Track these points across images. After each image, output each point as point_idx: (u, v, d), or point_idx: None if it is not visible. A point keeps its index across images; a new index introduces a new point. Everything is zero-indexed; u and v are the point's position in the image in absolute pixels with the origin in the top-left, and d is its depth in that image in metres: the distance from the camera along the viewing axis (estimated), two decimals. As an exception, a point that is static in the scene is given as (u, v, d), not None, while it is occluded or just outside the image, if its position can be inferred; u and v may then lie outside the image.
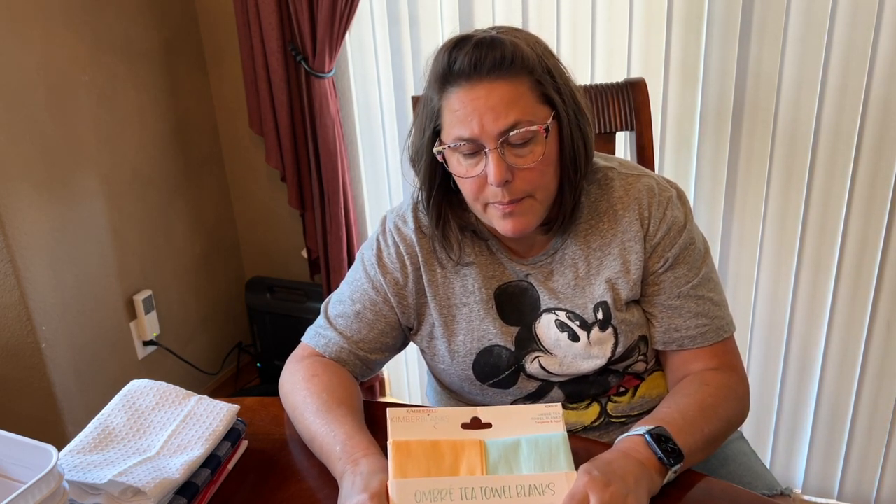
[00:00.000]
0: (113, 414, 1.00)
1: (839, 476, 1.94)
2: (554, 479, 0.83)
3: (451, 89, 0.97)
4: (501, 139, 0.95)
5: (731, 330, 1.09)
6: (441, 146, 1.00)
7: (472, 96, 0.95)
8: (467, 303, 1.09)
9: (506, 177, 0.96)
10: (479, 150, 0.97)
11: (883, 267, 1.72)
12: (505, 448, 0.87)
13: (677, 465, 0.90)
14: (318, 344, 1.11)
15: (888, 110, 1.60)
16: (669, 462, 0.90)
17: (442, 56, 0.98)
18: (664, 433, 0.92)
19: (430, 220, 1.08)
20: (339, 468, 0.91)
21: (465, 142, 0.96)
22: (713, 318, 1.06)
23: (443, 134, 1.00)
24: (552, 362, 1.08)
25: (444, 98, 0.98)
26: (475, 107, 0.95)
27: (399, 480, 0.83)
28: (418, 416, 0.90)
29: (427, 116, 1.02)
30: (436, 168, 1.04)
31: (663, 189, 1.08)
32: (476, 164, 0.98)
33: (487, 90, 0.95)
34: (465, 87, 0.96)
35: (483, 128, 0.95)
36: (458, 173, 1.00)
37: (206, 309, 2.42)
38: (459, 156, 0.99)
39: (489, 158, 0.96)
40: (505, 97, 0.95)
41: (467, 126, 0.96)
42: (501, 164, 0.95)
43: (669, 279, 1.06)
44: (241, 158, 2.39)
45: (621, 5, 1.73)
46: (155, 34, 2.11)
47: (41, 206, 1.84)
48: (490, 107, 0.95)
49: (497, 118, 0.95)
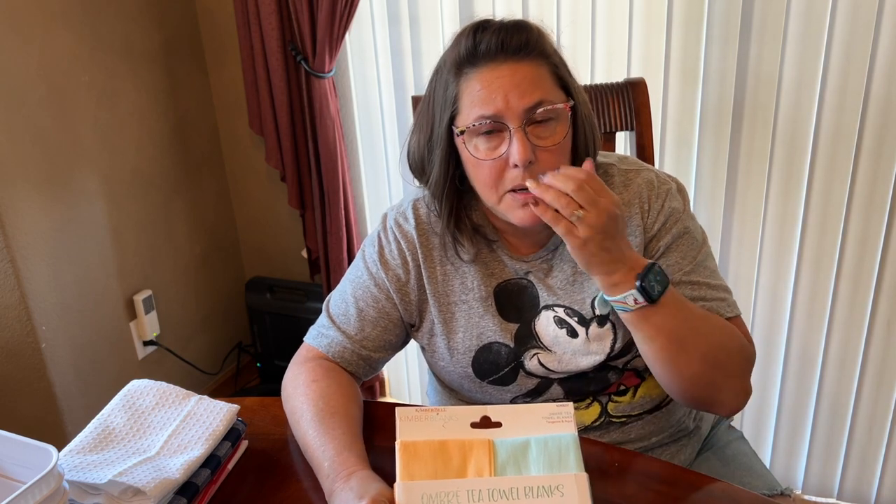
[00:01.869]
0: (113, 414, 1.00)
1: (839, 476, 1.94)
2: (563, 481, 0.82)
3: (472, 72, 0.97)
4: (526, 118, 0.95)
5: (734, 311, 1.06)
6: (460, 128, 0.98)
7: (496, 75, 0.96)
8: (466, 300, 1.09)
9: (530, 157, 0.95)
10: (500, 130, 0.97)
11: (883, 267, 1.72)
12: (514, 448, 0.86)
13: (656, 289, 0.94)
14: (320, 344, 1.11)
15: (888, 110, 1.60)
16: (648, 281, 0.94)
17: (466, 39, 0.98)
18: (662, 274, 0.95)
19: (441, 215, 1.07)
20: (327, 485, 0.91)
21: (490, 119, 0.96)
22: (710, 300, 1.04)
23: (459, 118, 0.99)
24: (551, 359, 1.08)
25: (464, 81, 0.98)
26: (500, 84, 0.95)
27: (405, 483, 0.83)
28: (427, 416, 0.89)
29: (442, 104, 1.01)
30: (450, 160, 1.03)
31: (662, 182, 1.08)
32: (496, 147, 0.97)
33: (512, 69, 0.96)
34: (489, 67, 0.96)
35: (508, 104, 0.95)
36: (476, 157, 0.98)
37: (206, 309, 2.42)
38: (478, 140, 0.98)
39: (513, 138, 0.95)
40: (528, 76, 0.96)
41: (491, 104, 0.95)
42: (526, 143, 0.95)
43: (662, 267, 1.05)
44: (241, 158, 2.39)
45: (621, 5, 1.73)
46: (155, 34, 2.11)
47: (41, 206, 1.84)
48: (515, 84, 0.95)
49: (522, 95, 0.95)
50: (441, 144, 1.02)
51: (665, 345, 0.97)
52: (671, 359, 0.97)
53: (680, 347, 0.97)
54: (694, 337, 0.97)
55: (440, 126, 1.02)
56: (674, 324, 0.96)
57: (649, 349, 0.98)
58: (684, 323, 0.97)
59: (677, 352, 0.97)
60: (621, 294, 0.95)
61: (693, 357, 0.97)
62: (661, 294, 0.95)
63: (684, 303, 0.99)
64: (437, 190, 1.06)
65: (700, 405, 1.06)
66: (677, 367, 0.98)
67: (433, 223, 1.10)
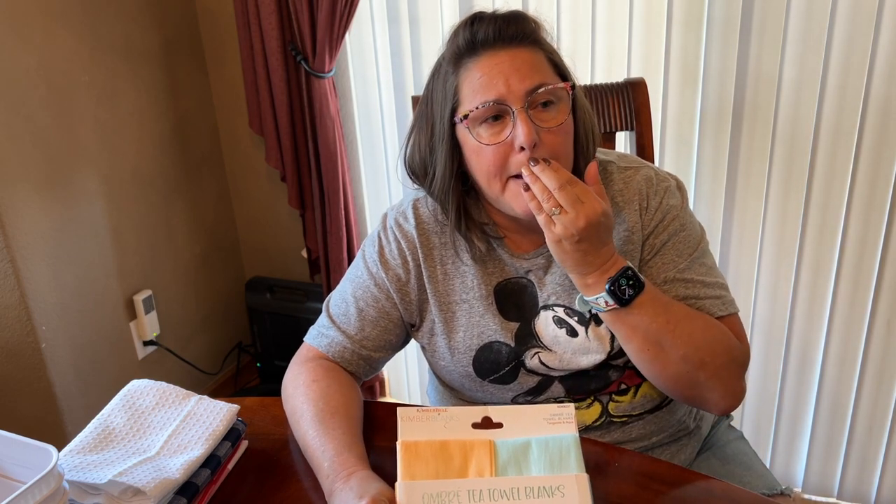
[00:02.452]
0: (113, 414, 1.00)
1: (839, 475, 1.94)
2: (563, 482, 0.82)
3: (470, 62, 0.98)
4: (528, 99, 0.96)
5: (728, 309, 1.05)
6: (464, 113, 0.98)
7: (495, 61, 0.97)
8: (467, 299, 1.09)
9: (535, 137, 0.95)
10: (503, 115, 0.97)
11: (883, 266, 1.72)
12: (515, 449, 0.86)
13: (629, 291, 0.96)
14: (320, 344, 1.11)
15: (888, 110, 1.60)
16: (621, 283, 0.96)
17: (463, 31, 0.99)
18: (636, 277, 0.97)
19: (449, 214, 1.07)
20: (326, 486, 0.91)
21: (492, 102, 0.96)
22: (704, 298, 1.04)
23: (461, 109, 1.00)
24: (551, 358, 1.08)
25: (464, 72, 0.99)
26: (500, 69, 0.96)
27: (406, 482, 0.83)
28: (428, 416, 0.89)
29: (442, 100, 1.02)
30: (454, 154, 1.03)
31: (661, 179, 1.08)
32: (499, 131, 0.98)
33: (511, 55, 0.97)
34: (488, 55, 0.97)
35: (510, 87, 0.96)
36: (480, 142, 0.98)
37: (206, 309, 2.42)
38: (480, 128, 0.98)
39: (517, 120, 0.96)
40: (527, 60, 0.98)
41: (493, 88, 0.96)
42: (530, 124, 0.95)
43: (657, 265, 1.05)
44: (241, 158, 2.39)
45: (621, 5, 1.73)
46: (155, 34, 2.11)
47: (41, 206, 1.84)
48: (515, 68, 0.96)
49: (523, 78, 0.96)
50: (444, 139, 1.02)
51: (642, 345, 0.98)
52: (650, 359, 0.99)
53: (658, 348, 0.98)
54: (672, 338, 0.97)
55: (442, 121, 1.02)
56: (650, 325, 0.97)
57: (628, 349, 1.01)
58: (663, 325, 0.97)
59: (655, 352, 0.98)
60: (593, 296, 0.97)
61: (672, 357, 0.98)
62: (634, 297, 0.96)
63: (664, 304, 0.99)
64: (442, 187, 1.05)
65: (690, 403, 1.07)
66: (656, 366, 0.99)
67: (434, 223, 1.10)
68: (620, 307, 0.97)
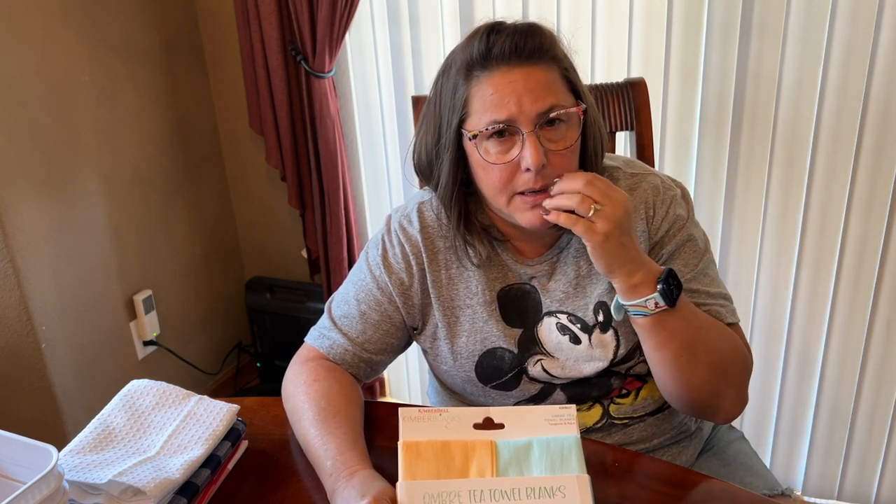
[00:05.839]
0: (113, 414, 1.00)
1: (839, 476, 1.94)
2: (564, 482, 0.82)
3: (483, 75, 0.97)
4: (539, 122, 0.95)
5: (730, 319, 1.06)
6: (472, 132, 0.98)
7: (509, 79, 0.95)
8: (470, 304, 1.08)
9: (543, 161, 0.95)
10: (511, 133, 0.96)
11: (883, 267, 1.72)
12: (516, 449, 0.86)
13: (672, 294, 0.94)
14: (322, 345, 1.11)
15: (888, 110, 1.60)
16: (666, 286, 0.94)
17: (479, 41, 0.97)
18: (677, 278, 0.96)
19: (451, 219, 1.06)
20: (329, 484, 0.91)
21: (503, 123, 0.95)
22: (708, 307, 1.04)
23: (469, 122, 0.98)
24: (554, 365, 1.07)
25: (475, 85, 0.97)
26: (513, 89, 0.95)
27: (407, 482, 0.83)
28: (430, 416, 0.89)
29: (451, 107, 1.00)
30: (459, 163, 1.02)
31: (668, 188, 1.08)
32: (507, 150, 0.97)
33: (525, 74, 0.95)
34: (502, 71, 0.96)
35: (521, 109, 0.94)
36: (487, 160, 0.98)
37: (206, 309, 2.42)
38: (488, 144, 0.97)
39: (526, 142, 0.95)
40: (541, 80, 0.96)
41: (504, 108, 0.95)
42: (539, 148, 0.94)
43: None
44: (240, 158, 2.39)
45: (621, 5, 1.73)
46: (155, 34, 2.11)
47: (41, 206, 1.84)
48: (528, 89, 0.95)
49: (535, 100, 0.95)
50: (449, 148, 1.01)
51: (677, 351, 0.97)
52: (681, 366, 0.98)
53: (691, 354, 0.97)
54: (703, 344, 0.98)
55: (448, 129, 1.01)
56: (687, 330, 0.96)
57: (660, 356, 0.98)
58: (697, 330, 0.97)
59: (688, 359, 0.97)
60: (641, 298, 0.95)
61: (701, 364, 0.98)
62: (678, 297, 0.95)
63: (696, 309, 0.99)
64: (445, 193, 1.05)
65: (699, 413, 1.07)
66: (686, 374, 0.98)
67: (438, 227, 1.10)
68: (670, 308, 0.95)
